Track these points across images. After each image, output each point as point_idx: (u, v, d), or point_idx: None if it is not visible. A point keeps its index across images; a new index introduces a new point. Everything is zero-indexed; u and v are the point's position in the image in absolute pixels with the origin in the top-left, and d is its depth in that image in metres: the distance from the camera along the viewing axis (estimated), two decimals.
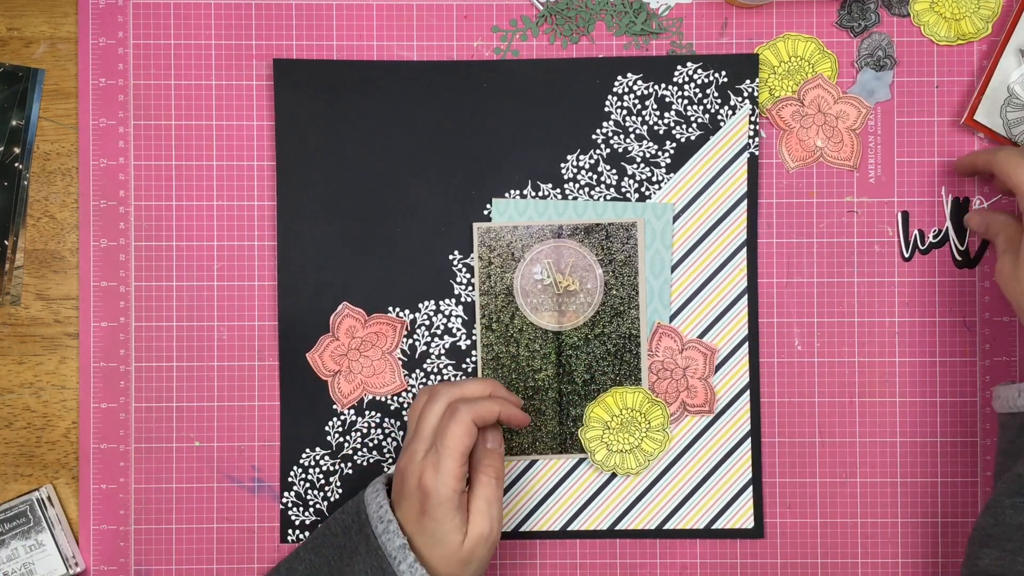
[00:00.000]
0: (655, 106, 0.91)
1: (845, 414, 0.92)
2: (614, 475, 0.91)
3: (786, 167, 0.92)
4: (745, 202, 0.91)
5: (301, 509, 0.91)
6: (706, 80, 0.91)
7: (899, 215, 0.91)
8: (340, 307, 0.91)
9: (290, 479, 0.91)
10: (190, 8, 0.92)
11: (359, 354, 0.91)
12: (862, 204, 0.92)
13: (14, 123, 0.91)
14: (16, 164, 0.91)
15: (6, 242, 0.91)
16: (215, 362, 0.91)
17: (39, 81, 0.92)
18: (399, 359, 0.91)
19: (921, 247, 0.91)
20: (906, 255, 0.91)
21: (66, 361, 0.92)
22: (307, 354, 0.91)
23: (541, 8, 0.92)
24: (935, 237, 0.91)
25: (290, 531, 0.91)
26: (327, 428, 0.91)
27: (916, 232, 0.91)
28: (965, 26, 0.91)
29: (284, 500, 0.91)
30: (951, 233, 0.91)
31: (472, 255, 0.91)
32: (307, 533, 0.91)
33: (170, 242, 0.92)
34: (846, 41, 0.92)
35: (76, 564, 0.90)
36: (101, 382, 0.91)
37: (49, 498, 0.90)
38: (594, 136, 0.91)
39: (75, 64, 0.92)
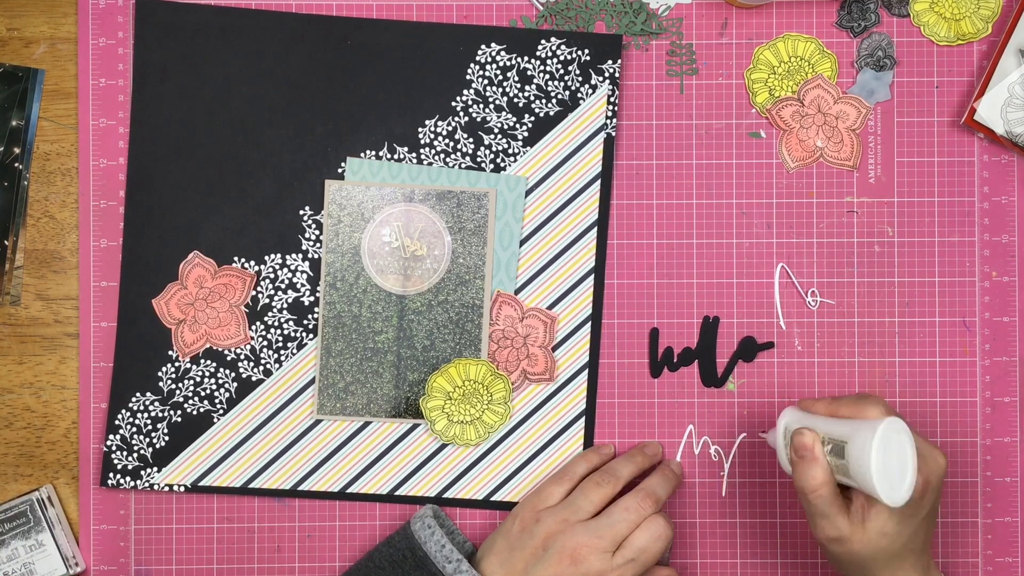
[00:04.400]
0: (516, 78, 0.91)
1: None
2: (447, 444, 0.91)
3: (786, 167, 0.92)
4: (599, 182, 0.91)
5: (124, 454, 0.90)
6: (569, 57, 0.91)
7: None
8: (191, 256, 0.90)
9: (117, 422, 0.91)
10: None
11: (206, 304, 0.90)
12: (862, 204, 0.92)
13: (14, 123, 0.91)
14: (16, 164, 0.91)
15: (6, 242, 0.91)
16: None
17: (39, 81, 0.92)
18: (244, 311, 0.91)
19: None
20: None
21: (66, 361, 0.92)
22: (152, 300, 0.91)
23: (541, 8, 0.92)
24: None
25: (110, 475, 0.90)
26: (160, 373, 0.91)
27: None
28: (965, 26, 0.92)
29: (108, 443, 0.90)
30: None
31: (323, 212, 0.91)
32: (128, 479, 0.90)
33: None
34: (846, 41, 0.92)
35: (76, 564, 0.90)
36: (101, 382, 0.91)
37: (49, 498, 0.90)
38: (454, 103, 0.91)
39: (75, 64, 0.92)
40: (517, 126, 0.91)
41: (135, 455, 0.90)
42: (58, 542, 0.89)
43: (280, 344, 0.91)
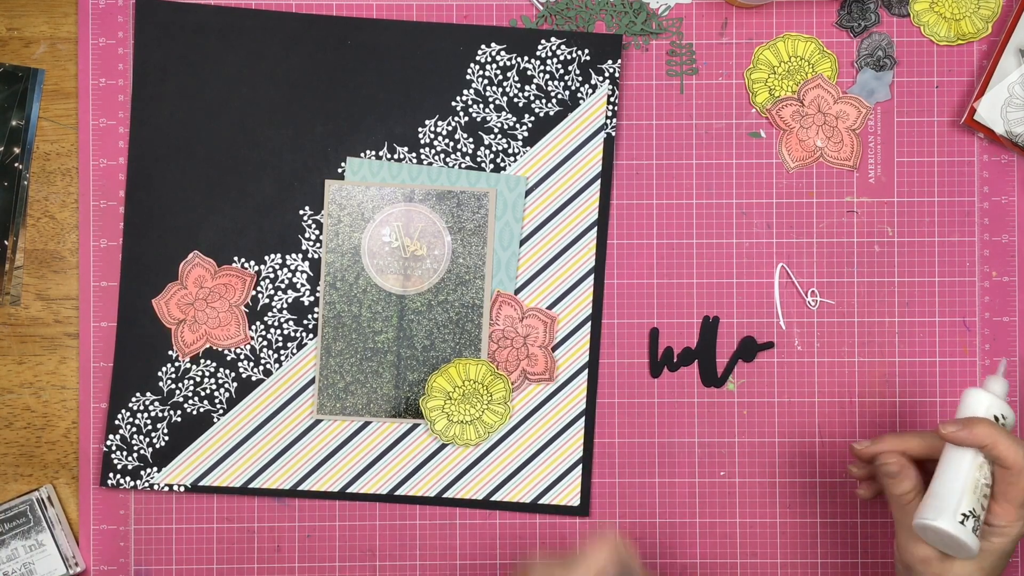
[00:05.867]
0: (516, 78, 0.91)
1: (845, 414, 0.92)
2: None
3: (786, 167, 0.92)
4: (599, 182, 0.91)
5: (124, 454, 0.90)
6: (569, 56, 0.91)
7: None
8: (191, 256, 0.91)
9: (116, 422, 0.91)
10: None
11: (206, 304, 0.90)
12: (862, 204, 0.92)
13: (14, 123, 0.91)
14: (16, 164, 0.91)
15: (6, 242, 0.91)
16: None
17: (39, 81, 0.92)
18: (244, 311, 0.91)
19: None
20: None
21: (66, 361, 0.92)
22: (152, 300, 0.91)
23: (541, 8, 0.92)
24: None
25: (110, 475, 0.90)
26: (160, 373, 0.91)
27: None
28: (965, 26, 0.92)
29: (108, 443, 0.90)
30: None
31: (323, 212, 0.91)
32: (128, 479, 0.90)
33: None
34: (846, 41, 0.92)
35: (76, 564, 0.90)
36: (101, 382, 0.91)
37: (49, 498, 0.90)
38: (454, 103, 0.91)
39: (75, 64, 0.92)
40: (517, 126, 0.91)
41: (135, 455, 0.90)
42: (58, 542, 0.89)
43: (280, 344, 0.91)
